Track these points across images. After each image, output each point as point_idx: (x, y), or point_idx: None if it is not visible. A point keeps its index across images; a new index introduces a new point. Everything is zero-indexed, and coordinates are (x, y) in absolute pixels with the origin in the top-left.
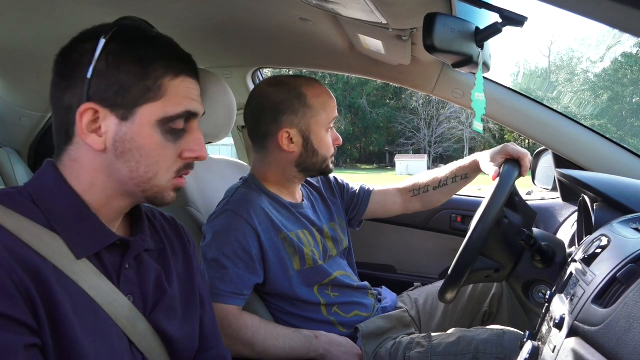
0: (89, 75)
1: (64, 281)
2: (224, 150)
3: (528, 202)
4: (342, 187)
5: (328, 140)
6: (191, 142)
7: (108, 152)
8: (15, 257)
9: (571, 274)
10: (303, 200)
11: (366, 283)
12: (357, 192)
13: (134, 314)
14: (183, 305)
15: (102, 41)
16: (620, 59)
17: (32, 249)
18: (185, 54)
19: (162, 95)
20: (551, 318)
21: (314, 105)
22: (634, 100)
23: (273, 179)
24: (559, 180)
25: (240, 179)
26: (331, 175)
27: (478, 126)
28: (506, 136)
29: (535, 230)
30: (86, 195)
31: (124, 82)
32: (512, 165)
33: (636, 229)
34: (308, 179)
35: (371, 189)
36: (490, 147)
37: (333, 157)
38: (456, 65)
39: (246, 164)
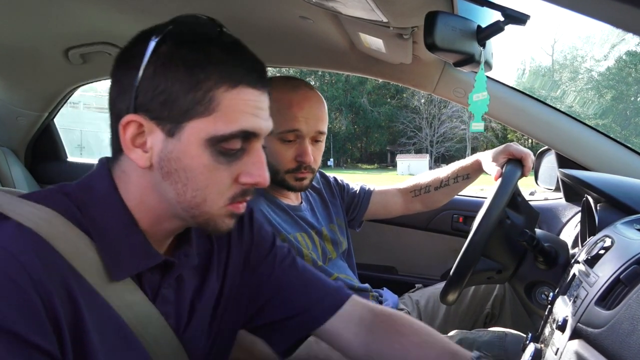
0: (137, 82)
1: (94, 301)
2: None
3: (531, 203)
4: (342, 188)
5: (282, 153)
6: (249, 165)
7: (154, 170)
8: (49, 272)
9: (574, 275)
10: (302, 203)
11: (367, 285)
12: (357, 192)
13: (167, 334)
14: (217, 320)
15: (152, 43)
16: (624, 57)
17: (66, 262)
18: (250, 59)
19: (214, 110)
20: (554, 320)
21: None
22: (638, 99)
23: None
24: (562, 181)
25: None
26: (331, 176)
27: (477, 126)
28: (509, 136)
29: (537, 231)
30: (136, 211)
31: (171, 92)
32: (514, 165)
33: None
34: None
35: (371, 189)
36: (493, 146)
37: (301, 174)
38: (458, 64)
39: None
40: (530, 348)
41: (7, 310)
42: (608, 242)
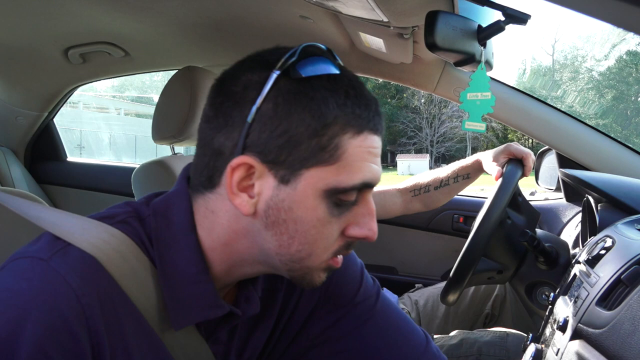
0: (250, 118)
1: (149, 343)
2: None
3: (531, 203)
4: None
5: None
6: (359, 217)
7: (257, 218)
8: (107, 316)
9: (575, 275)
10: None
11: None
12: None
13: None
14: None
15: (274, 75)
16: (625, 57)
17: (129, 301)
18: (372, 100)
19: (338, 159)
20: (555, 320)
21: None
22: (639, 99)
23: None
24: (563, 181)
25: None
26: None
27: (472, 126)
28: (509, 135)
29: (538, 231)
30: (213, 254)
31: (294, 134)
32: (515, 165)
33: None
34: None
35: None
36: (493, 146)
37: None
38: (458, 63)
39: None
40: (531, 348)
41: (50, 350)
42: (609, 242)
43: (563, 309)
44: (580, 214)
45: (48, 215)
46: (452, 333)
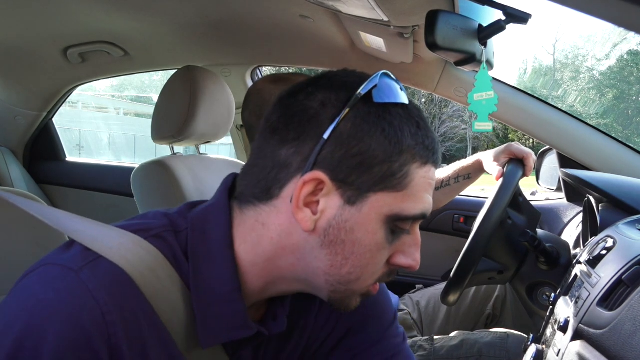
0: (327, 135)
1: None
2: (223, 149)
3: (532, 203)
4: None
5: None
6: (407, 246)
7: (314, 235)
8: (131, 336)
9: (576, 275)
10: None
11: None
12: None
13: None
14: None
15: (357, 96)
16: (626, 56)
17: (157, 319)
18: (432, 134)
19: (405, 187)
20: (555, 321)
21: None
22: None
23: None
24: (564, 181)
25: None
26: None
27: (482, 126)
28: (510, 135)
29: (539, 231)
30: (252, 269)
31: (368, 156)
32: (516, 165)
33: None
34: None
35: None
36: (494, 146)
37: None
38: (459, 63)
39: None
40: (532, 349)
41: None
42: (610, 243)
43: (564, 309)
44: (581, 214)
45: (84, 226)
46: (453, 334)
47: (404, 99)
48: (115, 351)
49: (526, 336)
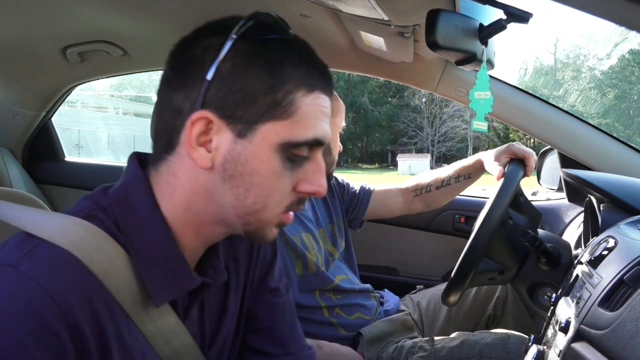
0: (210, 76)
1: (125, 330)
2: None
3: (533, 203)
4: (342, 187)
5: None
6: (310, 173)
7: (214, 172)
8: (82, 305)
9: (577, 276)
10: None
11: (368, 285)
12: (357, 192)
13: (195, 356)
14: (240, 336)
15: (233, 37)
16: (627, 56)
17: (104, 288)
18: (322, 64)
19: (291, 115)
20: (556, 321)
21: None
22: None
23: None
24: (565, 181)
25: None
26: None
27: (479, 126)
28: (511, 135)
29: (540, 231)
30: (177, 222)
31: (250, 90)
32: (516, 165)
33: None
34: None
35: (371, 188)
36: (495, 146)
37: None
38: (459, 62)
39: None
40: (533, 350)
41: (36, 353)
42: (611, 243)
43: (565, 310)
44: (583, 214)
45: (25, 213)
46: (453, 335)
47: (283, 33)
48: (74, 328)
49: (527, 337)
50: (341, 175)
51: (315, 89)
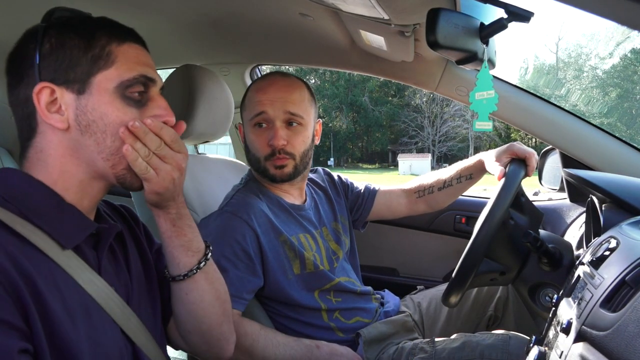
0: (37, 60)
1: (55, 277)
2: (222, 149)
3: (534, 203)
4: (347, 186)
5: (257, 139)
6: (155, 109)
7: (72, 130)
8: (6, 253)
9: (579, 277)
10: (306, 201)
11: (369, 288)
12: (361, 191)
13: (119, 305)
14: (146, 288)
15: (42, 27)
16: (629, 55)
17: (25, 240)
18: (122, 25)
19: (113, 62)
20: (558, 322)
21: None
22: None
23: None
24: (567, 181)
25: (242, 178)
26: (335, 174)
27: (482, 126)
28: (512, 135)
29: (541, 231)
30: (58, 186)
31: (72, 56)
32: (518, 165)
33: None
34: (312, 177)
35: (376, 188)
36: (496, 146)
37: (278, 160)
38: (460, 62)
39: (244, 164)
40: (534, 351)
41: None
42: (613, 243)
43: (567, 310)
44: (584, 215)
45: None
46: (454, 336)
47: (80, 13)
48: (7, 278)
49: (528, 338)
50: (343, 175)
51: (126, 40)
